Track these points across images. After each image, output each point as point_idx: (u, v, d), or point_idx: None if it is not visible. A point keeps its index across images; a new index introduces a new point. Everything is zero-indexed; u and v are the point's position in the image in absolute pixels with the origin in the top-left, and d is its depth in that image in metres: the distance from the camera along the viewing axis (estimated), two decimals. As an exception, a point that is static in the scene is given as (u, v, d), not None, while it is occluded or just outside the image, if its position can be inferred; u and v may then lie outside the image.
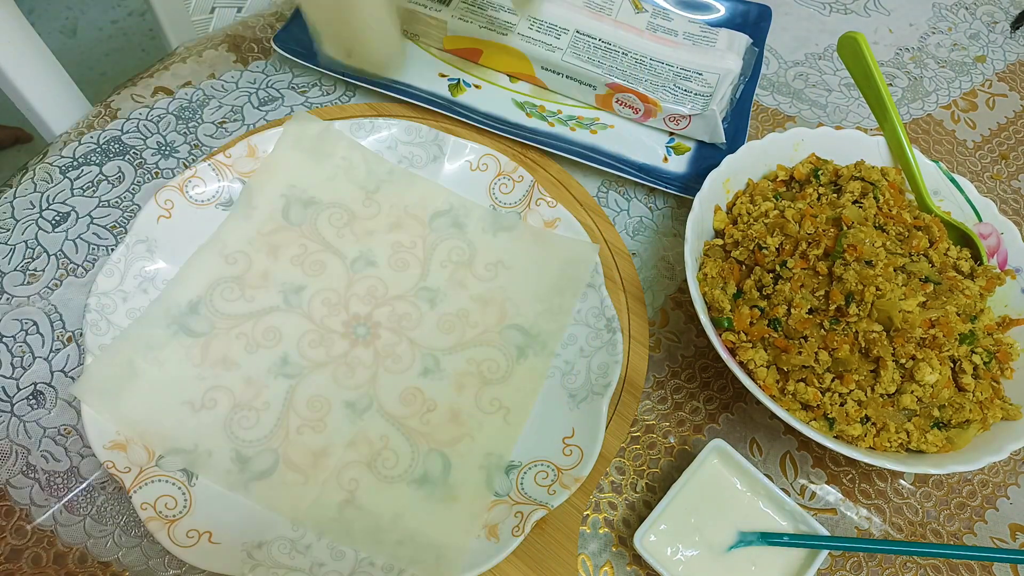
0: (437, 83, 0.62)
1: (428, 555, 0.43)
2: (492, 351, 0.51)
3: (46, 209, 0.54)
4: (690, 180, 0.59)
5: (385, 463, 0.46)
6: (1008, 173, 0.68)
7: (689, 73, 0.60)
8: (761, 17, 0.67)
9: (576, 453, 0.46)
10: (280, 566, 0.41)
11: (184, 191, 0.51)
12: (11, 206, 0.53)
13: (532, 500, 0.44)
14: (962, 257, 0.52)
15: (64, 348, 0.49)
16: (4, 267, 0.51)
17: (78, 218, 0.54)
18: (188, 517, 0.42)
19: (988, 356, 0.48)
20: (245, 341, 0.49)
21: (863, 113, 0.69)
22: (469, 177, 0.56)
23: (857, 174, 0.53)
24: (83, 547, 0.44)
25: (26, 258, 0.52)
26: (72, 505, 0.45)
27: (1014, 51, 0.76)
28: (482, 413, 0.48)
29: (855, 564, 0.49)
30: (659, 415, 0.52)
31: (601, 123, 0.62)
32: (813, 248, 0.48)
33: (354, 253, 0.53)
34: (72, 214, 0.54)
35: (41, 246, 0.52)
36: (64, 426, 0.47)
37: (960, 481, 0.53)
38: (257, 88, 0.61)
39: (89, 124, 0.58)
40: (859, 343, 0.46)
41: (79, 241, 0.53)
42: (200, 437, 0.45)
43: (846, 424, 0.45)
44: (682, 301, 0.56)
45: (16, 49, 0.55)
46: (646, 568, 0.47)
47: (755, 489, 0.46)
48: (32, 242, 0.52)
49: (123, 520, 0.45)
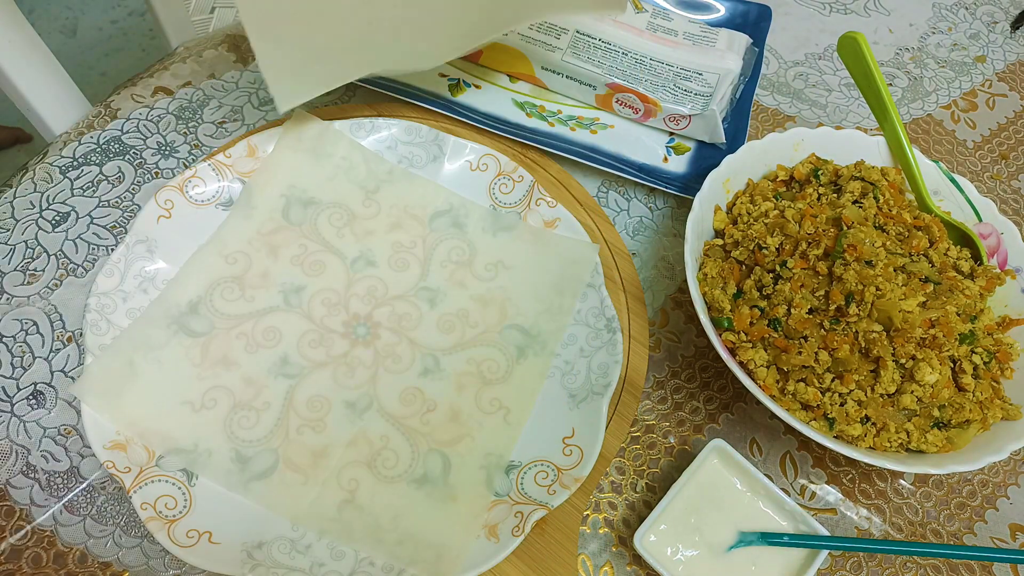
0: (437, 83, 0.62)
1: (428, 555, 0.43)
2: (492, 351, 0.51)
3: (46, 209, 0.54)
4: (690, 180, 0.59)
5: (385, 463, 0.46)
6: (1008, 173, 0.68)
7: (689, 73, 0.60)
8: (761, 17, 0.67)
9: (576, 453, 0.46)
10: (280, 566, 0.41)
11: (184, 191, 0.51)
12: (11, 206, 0.53)
13: (532, 500, 0.44)
14: (962, 257, 0.52)
15: (64, 348, 0.49)
16: (4, 267, 0.51)
17: (78, 218, 0.54)
18: (188, 517, 0.42)
19: (988, 356, 0.48)
20: (245, 341, 0.49)
21: (863, 113, 0.69)
22: (469, 177, 0.56)
23: (857, 174, 0.53)
24: (83, 547, 0.44)
25: (26, 258, 0.52)
26: (72, 505, 0.45)
27: (1014, 51, 0.76)
28: (482, 413, 0.48)
29: (855, 564, 0.49)
30: (659, 415, 0.52)
31: (601, 123, 0.62)
32: (813, 248, 0.48)
33: (354, 253, 0.53)
34: (72, 214, 0.54)
35: (41, 246, 0.52)
36: (64, 426, 0.47)
37: (960, 481, 0.53)
38: (257, 88, 0.61)
39: (89, 124, 0.58)
40: (859, 343, 0.46)
41: (79, 241, 0.53)
42: (200, 437, 0.45)
43: (846, 424, 0.45)
44: (682, 301, 0.56)
45: (16, 49, 0.55)
46: (646, 568, 0.47)
47: (755, 489, 0.46)
48: (32, 242, 0.52)
49: (123, 520, 0.45)
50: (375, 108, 0.60)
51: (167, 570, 0.44)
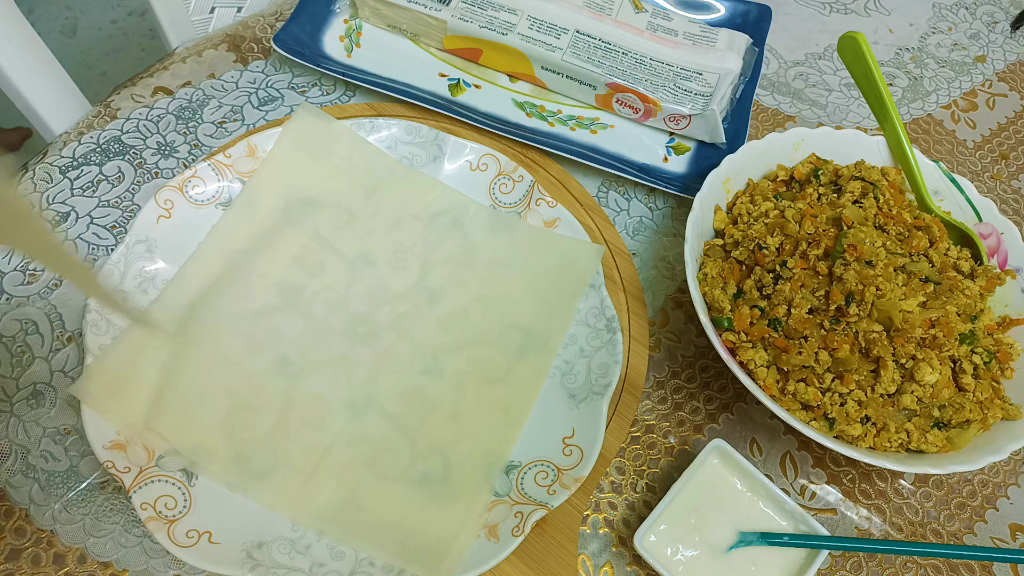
0: (437, 83, 0.62)
1: (428, 555, 0.43)
2: (492, 351, 0.51)
3: (46, 209, 0.54)
4: (690, 180, 0.59)
5: (385, 463, 0.46)
6: (1008, 173, 0.68)
7: (689, 73, 0.60)
8: (761, 17, 0.67)
9: (576, 453, 0.46)
10: (280, 566, 0.41)
11: (184, 191, 0.51)
12: (11, 206, 0.53)
13: (532, 500, 0.44)
14: (962, 257, 0.52)
15: (64, 348, 0.49)
16: (4, 267, 0.51)
17: (78, 218, 0.54)
18: (188, 517, 0.42)
19: (988, 356, 0.48)
20: (245, 341, 0.49)
21: (863, 113, 0.69)
22: (469, 177, 0.56)
23: (857, 174, 0.53)
24: (83, 547, 0.44)
25: (26, 258, 0.52)
26: (72, 505, 0.45)
27: (1014, 51, 0.76)
28: (482, 413, 0.48)
29: (855, 564, 0.49)
30: (659, 415, 0.52)
31: (601, 123, 0.62)
32: (813, 248, 0.48)
33: (354, 253, 0.53)
34: (72, 214, 0.54)
35: (41, 246, 0.52)
36: (64, 426, 0.47)
37: (960, 481, 0.53)
38: (257, 88, 0.61)
39: (89, 124, 0.58)
40: (859, 343, 0.46)
41: (79, 241, 0.53)
42: (200, 437, 0.45)
43: (846, 424, 0.45)
44: (682, 301, 0.56)
45: (16, 49, 0.55)
46: (646, 568, 0.47)
47: (755, 489, 0.46)
48: (32, 242, 0.52)
49: (123, 520, 0.45)
50: (375, 108, 0.60)
51: (167, 570, 0.44)
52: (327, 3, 0.64)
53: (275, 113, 0.60)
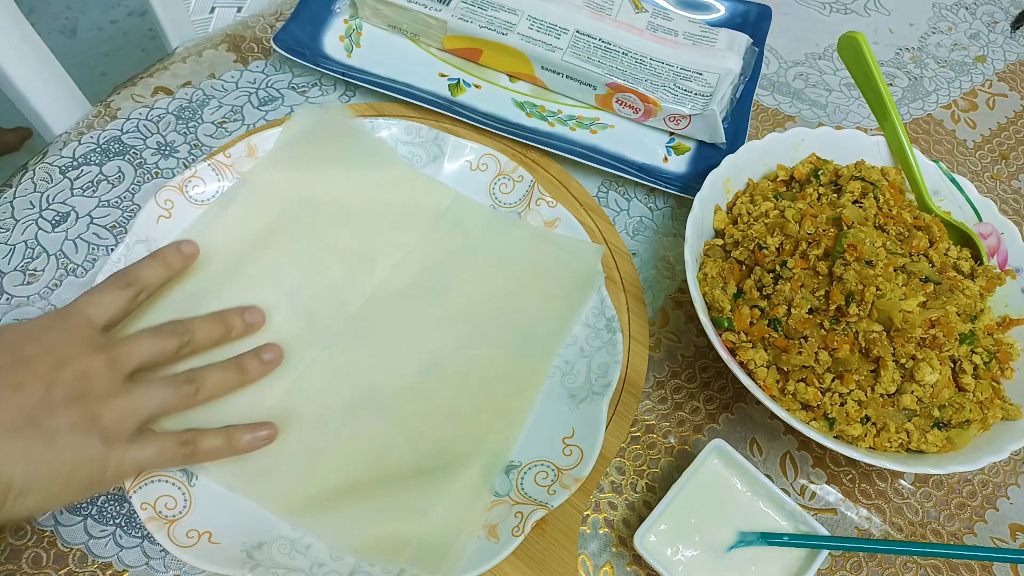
0: (437, 83, 0.62)
1: (428, 555, 0.43)
2: (492, 350, 0.51)
3: (46, 209, 0.54)
4: (690, 180, 0.59)
5: (384, 462, 0.46)
6: (1008, 173, 0.68)
7: (689, 73, 0.60)
8: (761, 17, 0.67)
9: (576, 453, 0.46)
10: (280, 566, 0.41)
11: (184, 191, 0.51)
12: (11, 206, 0.53)
13: (532, 500, 0.44)
14: (962, 257, 0.52)
15: (64, 348, 0.49)
16: (4, 267, 0.51)
17: (78, 218, 0.54)
18: (188, 517, 0.42)
19: (988, 356, 0.48)
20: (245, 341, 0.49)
21: (863, 113, 0.69)
22: (469, 177, 0.56)
23: (857, 174, 0.53)
24: (83, 547, 0.44)
25: (26, 258, 0.52)
26: (72, 505, 0.45)
27: (1014, 51, 0.76)
28: (482, 413, 0.48)
29: (855, 564, 0.49)
30: (659, 415, 0.52)
31: (601, 123, 0.62)
32: (813, 248, 0.48)
33: (354, 252, 0.53)
34: (72, 214, 0.54)
35: (41, 246, 0.52)
36: (64, 426, 0.47)
37: (960, 481, 0.53)
38: (257, 88, 0.61)
39: (89, 124, 0.58)
40: (859, 343, 0.46)
41: (79, 241, 0.53)
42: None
43: (846, 424, 0.45)
44: (682, 301, 0.56)
45: (16, 49, 0.55)
46: (646, 568, 0.47)
47: (755, 489, 0.46)
48: (32, 242, 0.52)
49: (123, 520, 0.45)
50: (375, 108, 0.60)
51: (167, 570, 0.44)
52: (327, 3, 0.64)
53: (275, 113, 0.60)
